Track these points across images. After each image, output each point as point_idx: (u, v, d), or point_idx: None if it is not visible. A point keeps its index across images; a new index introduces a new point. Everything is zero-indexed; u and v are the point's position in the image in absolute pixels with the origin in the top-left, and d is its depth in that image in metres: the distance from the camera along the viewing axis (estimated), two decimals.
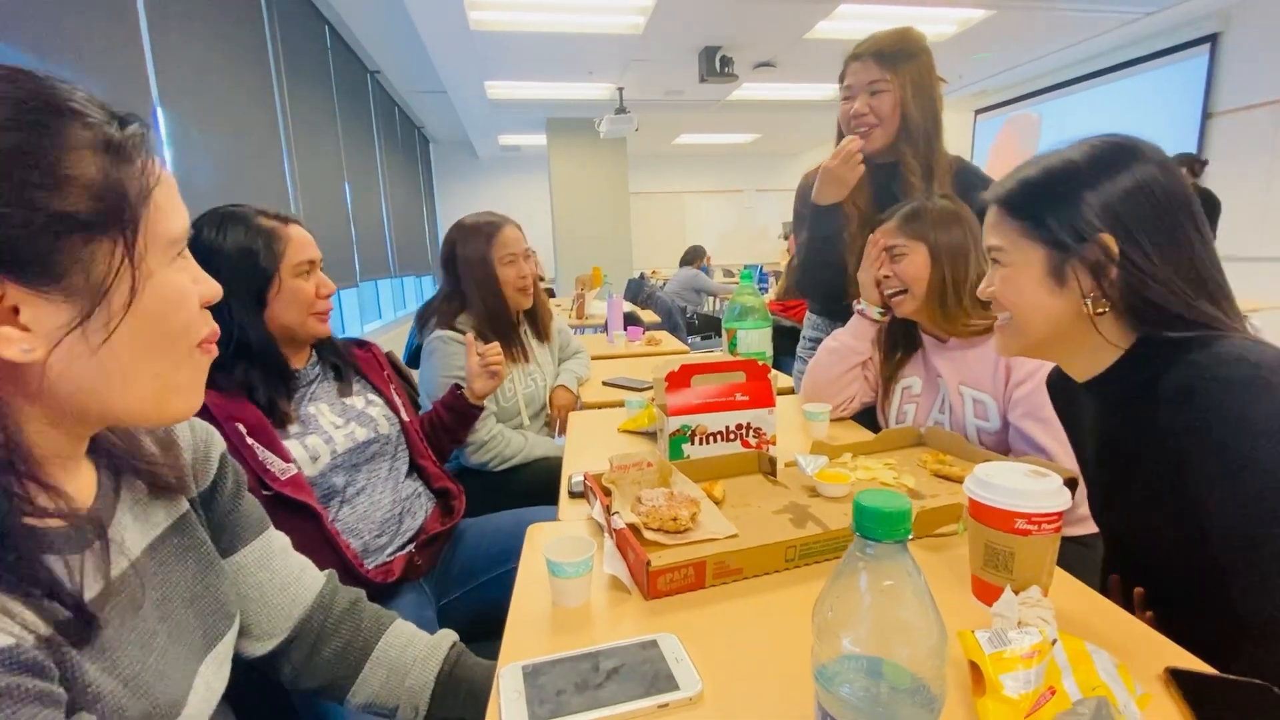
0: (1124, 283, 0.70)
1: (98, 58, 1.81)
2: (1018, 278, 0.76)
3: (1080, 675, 0.45)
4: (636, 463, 0.98)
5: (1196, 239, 0.70)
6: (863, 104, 1.43)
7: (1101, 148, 0.72)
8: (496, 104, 5.89)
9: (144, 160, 0.45)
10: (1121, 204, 0.69)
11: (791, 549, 0.76)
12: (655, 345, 2.66)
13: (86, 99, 0.45)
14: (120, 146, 0.44)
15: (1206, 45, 4.58)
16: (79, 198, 0.41)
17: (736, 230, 10.02)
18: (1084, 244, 0.70)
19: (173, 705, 0.50)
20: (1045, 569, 0.64)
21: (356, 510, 1.09)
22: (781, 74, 5.15)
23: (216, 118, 2.52)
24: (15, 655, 0.37)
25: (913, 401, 1.28)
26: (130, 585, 0.50)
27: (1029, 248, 0.74)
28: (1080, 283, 0.72)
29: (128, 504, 0.54)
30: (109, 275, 0.43)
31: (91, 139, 0.43)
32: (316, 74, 3.82)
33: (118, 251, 0.43)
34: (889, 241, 1.23)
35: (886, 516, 0.36)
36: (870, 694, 0.38)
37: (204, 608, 0.58)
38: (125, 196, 0.43)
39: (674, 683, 0.56)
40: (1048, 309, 0.75)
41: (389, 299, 6.07)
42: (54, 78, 0.44)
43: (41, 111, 0.41)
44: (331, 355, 1.17)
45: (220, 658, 0.59)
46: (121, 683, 0.45)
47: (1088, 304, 0.71)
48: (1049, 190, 0.73)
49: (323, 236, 3.98)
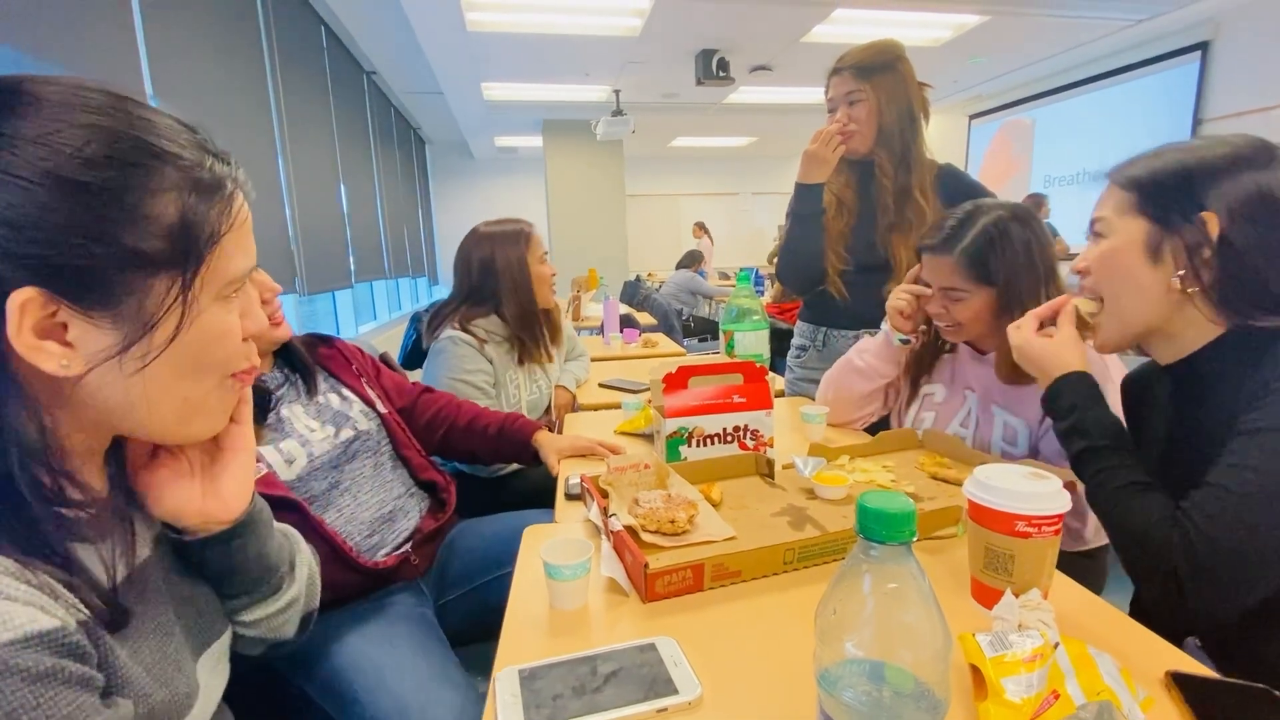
0: (1219, 265, 0.69)
1: (92, 53, 1.79)
2: (1115, 249, 0.75)
3: (1084, 679, 0.44)
4: (634, 464, 0.98)
5: None
6: (843, 114, 1.52)
7: (1237, 142, 0.72)
8: (493, 105, 5.88)
9: (224, 202, 0.47)
10: (1238, 192, 0.68)
11: (790, 551, 0.76)
12: (652, 347, 2.66)
13: (183, 137, 0.46)
14: (205, 188, 0.45)
15: (1197, 53, 4.63)
16: (153, 237, 0.43)
17: (733, 233, 10.04)
18: (1186, 223, 0.70)
19: (188, 695, 0.50)
20: (1045, 571, 0.64)
21: (343, 513, 1.07)
22: (778, 77, 5.17)
23: (211, 116, 2.50)
24: (60, 638, 0.38)
25: (933, 409, 1.25)
26: (149, 574, 0.52)
27: (1132, 220, 0.74)
28: (1174, 260, 0.71)
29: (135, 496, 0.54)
30: (160, 311, 0.44)
31: (178, 180, 0.44)
32: (312, 74, 3.80)
33: (174, 289, 0.44)
34: (947, 283, 1.11)
35: (891, 518, 0.36)
36: (873, 699, 0.37)
37: (203, 607, 0.58)
38: (196, 239, 0.45)
39: (672, 686, 0.55)
40: (1138, 282, 0.74)
41: (384, 300, 6.05)
42: (154, 110, 0.45)
43: (135, 151, 0.43)
44: (294, 358, 1.13)
45: (218, 655, 0.59)
46: (145, 670, 0.46)
47: (1177, 280, 0.71)
48: (1173, 174, 0.72)
49: (318, 238, 3.93)
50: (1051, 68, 5.48)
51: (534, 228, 1.73)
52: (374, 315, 5.65)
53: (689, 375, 1.10)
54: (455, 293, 1.72)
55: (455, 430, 1.37)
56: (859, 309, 1.57)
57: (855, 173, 1.56)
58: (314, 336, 1.23)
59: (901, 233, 1.52)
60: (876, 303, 1.55)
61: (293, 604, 0.65)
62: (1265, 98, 4.25)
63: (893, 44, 1.51)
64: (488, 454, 1.38)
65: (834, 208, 1.56)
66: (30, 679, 0.35)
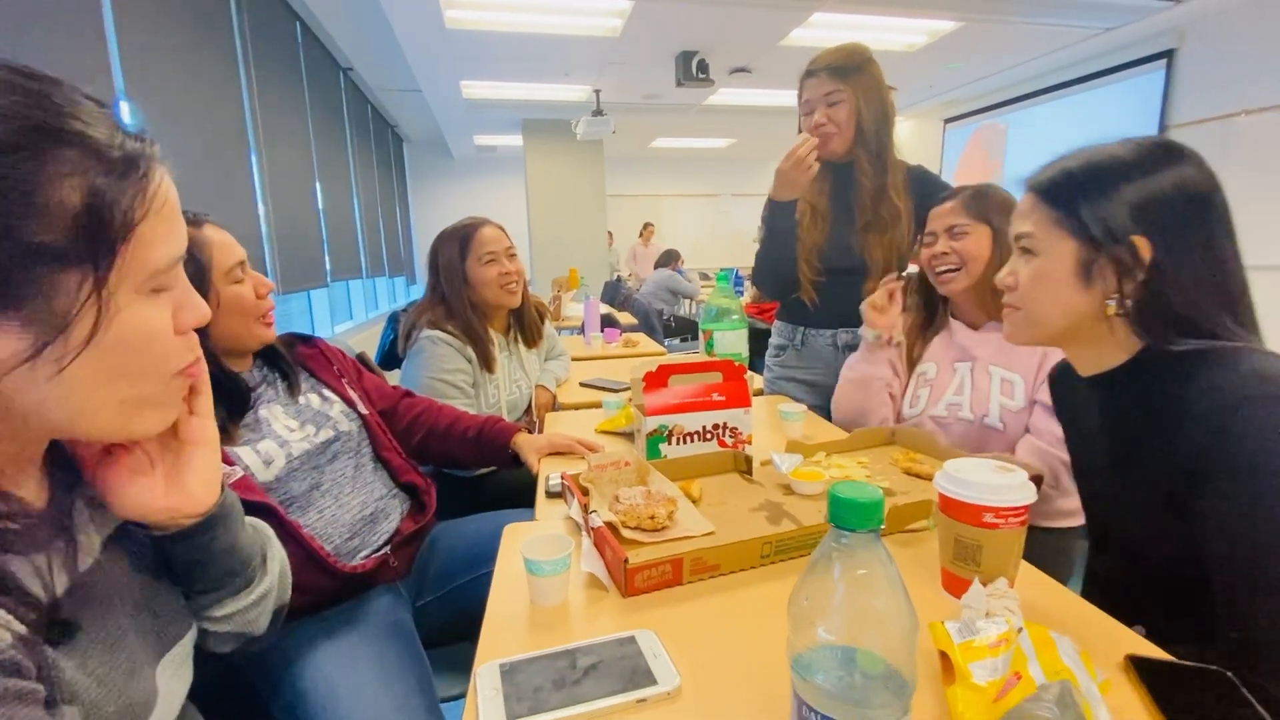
0: (1148, 289, 0.69)
1: (60, 48, 1.75)
2: (1047, 271, 0.74)
3: (1044, 660, 0.46)
4: (614, 462, 0.98)
5: (1227, 245, 0.70)
6: (821, 115, 1.52)
7: (1146, 146, 0.71)
8: (472, 104, 5.84)
9: (137, 184, 0.42)
10: (1158, 205, 0.68)
11: (767, 545, 0.77)
12: (633, 347, 2.67)
13: (94, 114, 0.42)
14: (114, 170, 0.41)
15: (1163, 61, 4.77)
16: (55, 228, 0.39)
17: (712, 234, 10.09)
18: (1116, 244, 0.69)
19: (145, 704, 0.49)
20: (1012, 561, 0.66)
21: (324, 515, 1.06)
22: (757, 79, 5.22)
23: (184, 113, 2.46)
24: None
25: (926, 386, 1.29)
26: (97, 580, 0.49)
27: (1061, 239, 0.73)
28: (1105, 282, 0.71)
29: (83, 500, 0.53)
30: (72, 309, 0.40)
31: (81, 162, 0.40)
32: (287, 71, 3.75)
33: (86, 285, 0.40)
34: (951, 221, 1.23)
35: (860, 507, 0.37)
36: (845, 682, 0.38)
37: (160, 609, 0.57)
38: (105, 227, 0.40)
39: (652, 678, 0.56)
40: (1070, 304, 0.73)
41: (360, 300, 5.98)
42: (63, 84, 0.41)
43: (37, 133, 0.39)
44: (275, 357, 1.12)
45: (178, 661, 0.57)
46: (96, 680, 0.45)
47: (1110, 304, 0.70)
48: (1088, 182, 0.72)
49: (292, 236, 3.87)
50: (1024, 74, 5.61)
51: (488, 224, 1.67)
52: (350, 315, 5.58)
53: (669, 374, 1.11)
54: (425, 293, 1.72)
55: (435, 434, 1.36)
56: (835, 308, 1.60)
57: (828, 178, 1.57)
58: (294, 336, 1.21)
59: (877, 232, 1.55)
60: (852, 302, 1.57)
61: (265, 597, 0.64)
62: (1228, 104, 4.40)
63: (862, 47, 1.54)
64: (468, 458, 1.38)
65: (808, 217, 1.57)
66: None
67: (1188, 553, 0.67)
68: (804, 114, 1.58)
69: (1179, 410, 0.66)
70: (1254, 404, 0.60)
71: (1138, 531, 0.76)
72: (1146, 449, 0.72)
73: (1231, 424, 0.61)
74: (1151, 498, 0.71)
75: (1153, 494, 0.71)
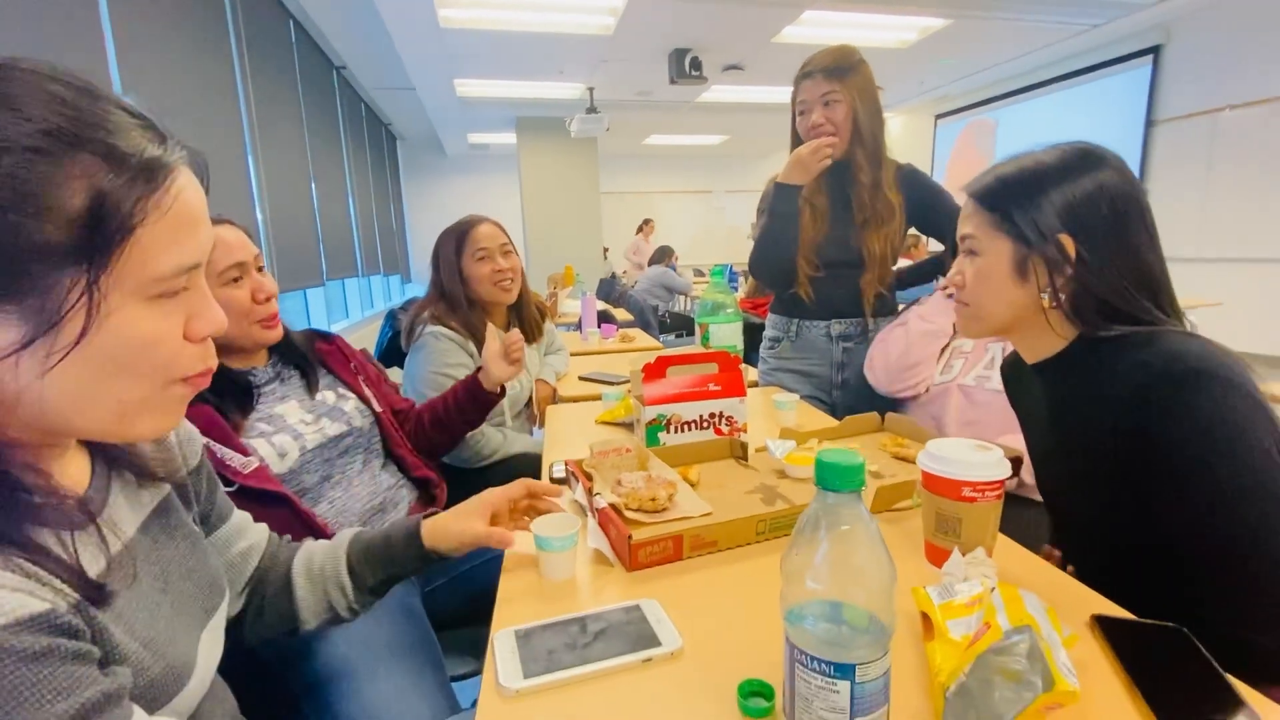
0: (1076, 281, 0.76)
1: (56, 47, 1.77)
2: (988, 269, 0.82)
3: (1011, 611, 0.51)
4: (616, 449, 1.03)
5: (1145, 240, 0.77)
6: (819, 115, 1.55)
7: (1069, 152, 0.78)
8: (466, 102, 5.87)
9: (148, 190, 0.43)
10: (1081, 206, 0.75)
11: (762, 523, 0.82)
12: (629, 343, 2.71)
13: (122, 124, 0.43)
14: (125, 175, 0.42)
15: (1150, 56, 4.85)
16: (57, 228, 0.40)
17: (707, 231, 10.14)
18: (1045, 242, 0.76)
19: (185, 666, 0.53)
20: (989, 532, 0.71)
21: (334, 505, 1.10)
22: (750, 77, 5.26)
23: (180, 111, 2.48)
24: (51, 619, 0.40)
25: (961, 357, 1.36)
26: (129, 561, 0.53)
27: (998, 239, 0.80)
28: (1039, 277, 0.78)
29: (119, 487, 0.56)
30: (63, 307, 0.40)
31: (97, 169, 0.41)
32: (281, 69, 3.77)
33: (79, 285, 0.41)
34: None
35: (843, 470, 0.42)
36: (831, 630, 0.43)
37: (199, 581, 0.61)
38: (102, 230, 0.41)
39: (656, 640, 0.61)
40: (1010, 298, 0.80)
41: (356, 298, 5.99)
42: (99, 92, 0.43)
43: (57, 138, 0.40)
44: (292, 353, 1.14)
45: (216, 629, 0.62)
46: (141, 644, 0.49)
47: (1044, 297, 0.78)
48: (1019, 187, 0.79)
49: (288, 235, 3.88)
50: (1014, 70, 5.68)
51: (484, 222, 1.70)
52: (346, 313, 5.60)
53: (667, 365, 1.15)
54: (428, 289, 1.75)
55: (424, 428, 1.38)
56: (831, 301, 1.64)
57: (825, 176, 1.60)
58: (315, 333, 1.24)
59: (874, 228, 1.60)
60: (847, 294, 1.62)
61: None
62: (1213, 100, 4.48)
63: (852, 48, 1.58)
64: (460, 423, 1.40)
65: (806, 215, 1.61)
66: (26, 659, 0.37)
67: (1136, 522, 0.73)
68: (799, 113, 1.61)
69: (1112, 387, 0.73)
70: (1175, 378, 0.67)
71: (1088, 508, 0.82)
72: (1087, 426, 0.77)
73: (1160, 397, 0.68)
74: (1098, 470, 0.77)
75: (1099, 467, 0.77)
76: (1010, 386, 1.00)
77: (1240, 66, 4.32)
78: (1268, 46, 4.15)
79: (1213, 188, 4.48)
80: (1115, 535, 0.79)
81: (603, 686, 0.57)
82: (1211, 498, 0.66)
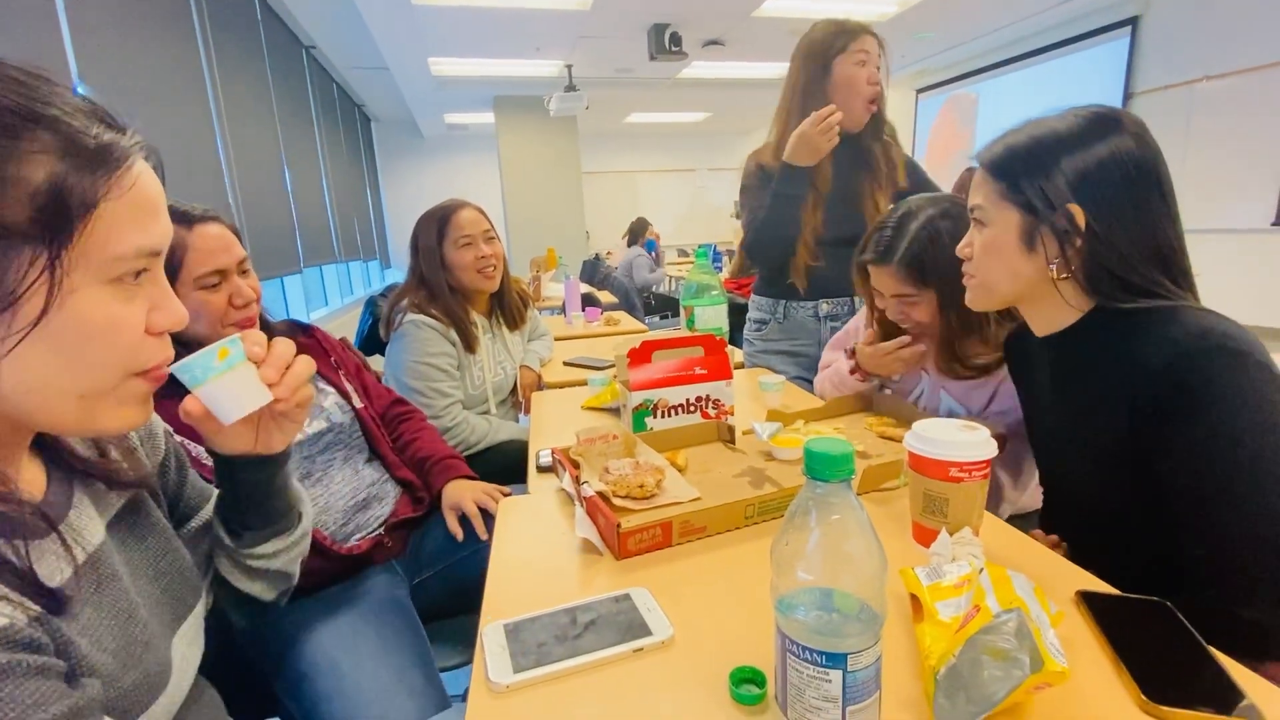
0: (1087, 252, 0.74)
1: (9, 32, 1.69)
2: (996, 240, 0.80)
3: (1000, 594, 0.51)
4: (602, 436, 1.02)
5: (1162, 211, 0.75)
6: (872, 72, 1.56)
7: (1084, 118, 0.75)
8: (442, 81, 5.73)
9: (108, 170, 0.43)
10: (1094, 175, 0.73)
11: (750, 507, 0.82)
12: (614, 325, 2.69)
13: (74, 105, 0.43)
14: (85, 154, 0.42)
15: (1128, 28, 4.85)
16: (15, 204, 0.39)
17: (690, 210, 10.07)
18: (1054, 212, 0.74)
19: (160, 673, 0.52)
20: (976, 512, 0.72)
21: (316, 503, 1.07)
22: (731, 52, 5.19)
23: (143, 97, 2.39)
24: (10, 634, 0.39)
25: (890, 387, 1.31)
26: (99, 565, 0.51)
27: (1006, 209, 0.78)
28: (1047, 248, 0.76)
29: (82, 488, 0.54)
30: (21, 285, 0.40)
31: (54, 146, 0.41)
32: (248, 50, 3.64)
33: (39, 262, 0.40)
34: (896, 292, 1.12)
35: (832, 459, 0.41)
36: (822, 618, 0.43)
37: (172, 582, 0.59)
38: (63, 206, 0.40)
39: (647, 629, 0.61)
40: (1017, 270, 0.79)
41: (335, 285, 5.89)
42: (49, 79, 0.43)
43: (12, 114, 0.40)
44: None
45: (193, 630, 0.60)
46: (110, 655, 0.47)
47: (1052, 269, 0.76)
48: (1030, 156, 0.76)
49: (263, 222, 3.79)
50: (994, 43, 5.66)
51: (466, 207, 1.66)
52: (325, 301, 5.51)
53: (652, 349, 1.14)
54: (407, 276, 1.71)
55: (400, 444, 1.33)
56: (818, 282, 1.63)
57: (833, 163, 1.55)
58: (293, 324, 1.21)
59: (886, 186, 1.63)
60: (835, 274, 1.60)
61: (302, 541, 0.73)
62: (1188, 72, 4.50)
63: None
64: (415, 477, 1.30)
65: (810, 200, 1.56)
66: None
67: (1133, 495, 0.73)
68: (858, 63, 1.54)
69: (1133, 361, 0.72)
70: (1205, 355, 0.66)
71: (1084, 477, 0.82)
72: (1097, 398, 0.77)
73: (1188, 373, 0.67)
74: (1101, 441, 0.77)
75: (1102, 438, 0.77)
76: (1013, 356, 0.99)
77: (1218, 37, 4.34)
78: (1244, 16, 4.16)
79: (1189, 160, 4.52)
80: (1108, 506, 0.79)
81: (594, 678, 0.57)
82: (1231, 471, 0.66)
